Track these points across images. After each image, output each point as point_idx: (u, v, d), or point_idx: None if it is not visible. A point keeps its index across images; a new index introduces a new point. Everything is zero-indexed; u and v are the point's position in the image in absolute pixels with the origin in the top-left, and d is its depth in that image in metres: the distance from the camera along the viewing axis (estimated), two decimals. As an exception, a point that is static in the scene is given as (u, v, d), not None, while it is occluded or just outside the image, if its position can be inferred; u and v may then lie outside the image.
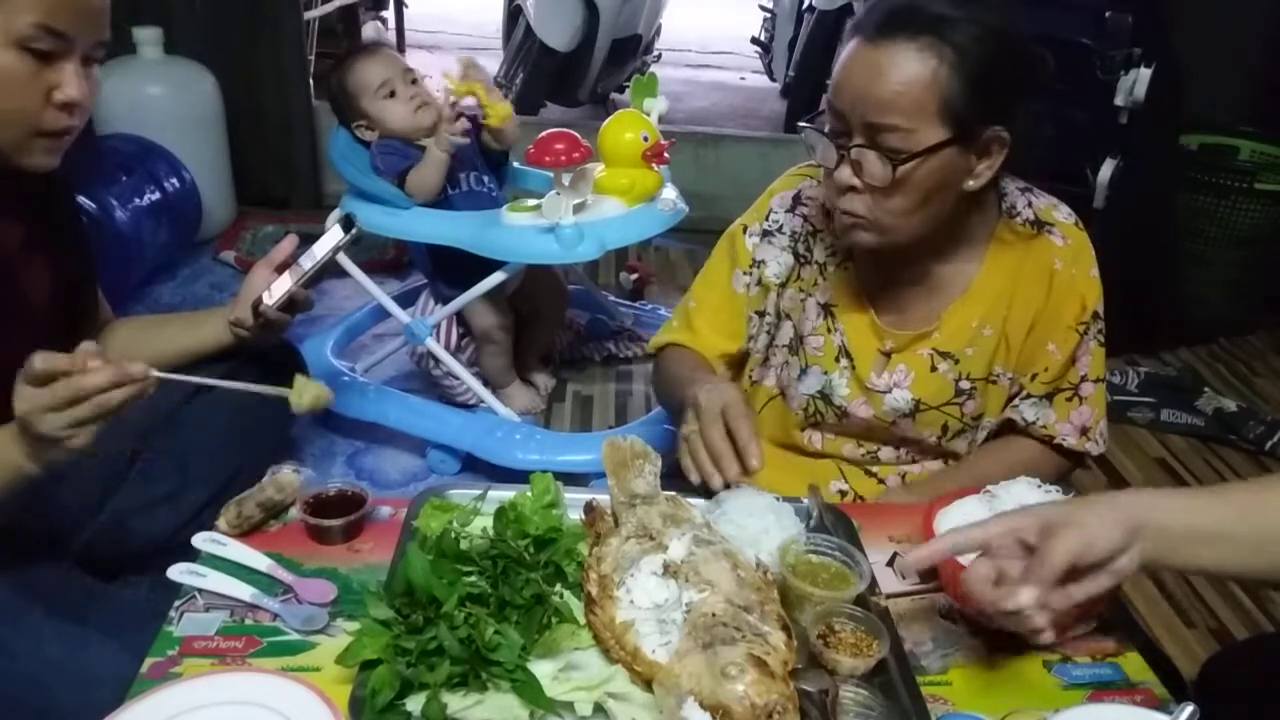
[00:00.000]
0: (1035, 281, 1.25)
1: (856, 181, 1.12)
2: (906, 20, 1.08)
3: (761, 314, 1.35)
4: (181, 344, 1.44)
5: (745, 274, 1.34)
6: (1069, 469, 1.35)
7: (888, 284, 1.28)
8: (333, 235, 1.36)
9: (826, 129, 1.14)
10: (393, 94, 2.11)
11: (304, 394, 1.19)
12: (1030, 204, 1.27)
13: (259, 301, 1.36)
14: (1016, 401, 1.30)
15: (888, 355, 1.28)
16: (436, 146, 2.06)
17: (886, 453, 1.34)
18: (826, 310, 1.30)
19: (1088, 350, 1.28)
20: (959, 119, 1.08)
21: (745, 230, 1.35)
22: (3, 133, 1.11)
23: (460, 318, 2.28)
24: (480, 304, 2.15)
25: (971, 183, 1.15)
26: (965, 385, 1.27)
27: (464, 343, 2.31)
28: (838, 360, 1.29)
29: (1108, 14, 2.45)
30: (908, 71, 1.07)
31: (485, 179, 2.22)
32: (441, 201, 2.15)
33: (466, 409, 2.27)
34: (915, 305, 1.28)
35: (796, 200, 1.32)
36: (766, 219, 1.33)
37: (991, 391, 1.29)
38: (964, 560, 1.00)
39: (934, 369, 1.27)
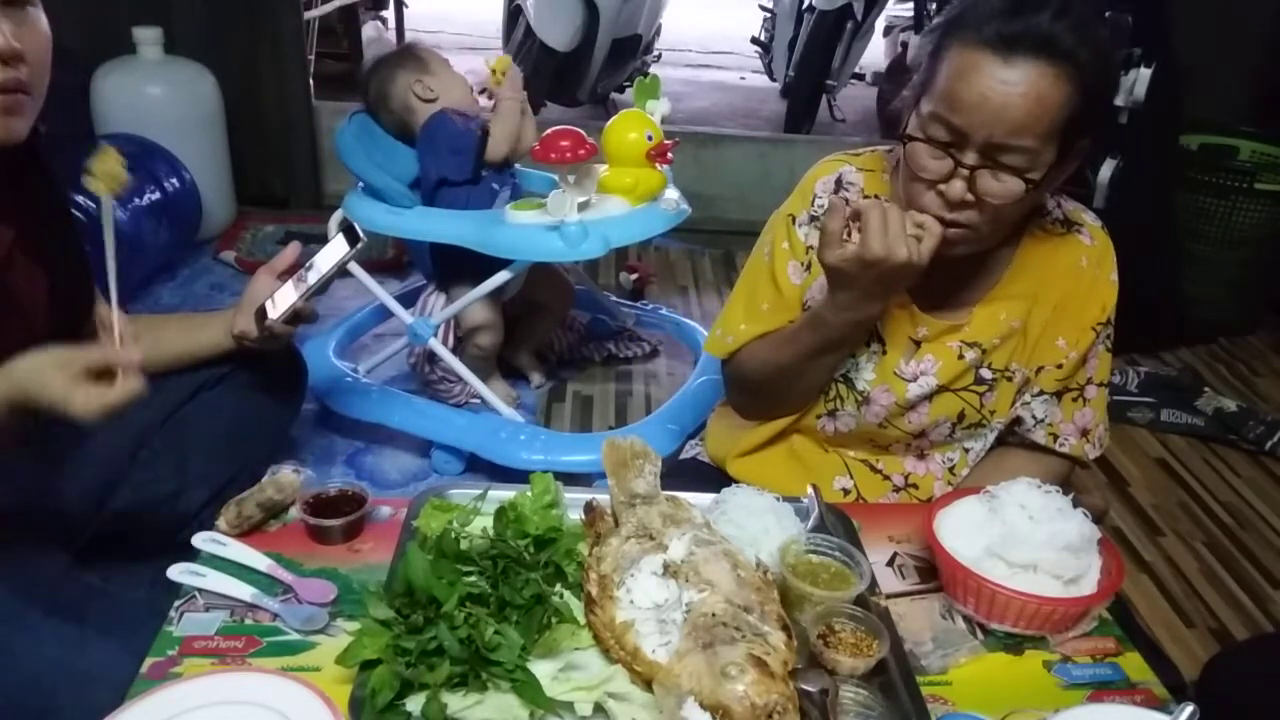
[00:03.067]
0: (1061, 276, 1.26)
1: (970, 197, 1.10)
2: (1039, 39, 1.04)
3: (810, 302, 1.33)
4: (180, 347, 1.43)
5: (802, 265, 1.31)
6: (1067, 472, 1.35)
7: (924, 274, 1.28)
8: (337, 247, 1.34)
9: (923, 137, 1.11)
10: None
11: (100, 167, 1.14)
12: (1059, 205, 1.29)
13: (263, 312, 1.35)
14: (1028, 398, 1.30)
15: (918, 344, 1.28)
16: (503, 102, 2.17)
17: (896, 448, 1.34)
18: None
19: (1096, 353, 1.29)
20: (1070, 135, 1.09)
21: (794, 220, 1.32)
22: None
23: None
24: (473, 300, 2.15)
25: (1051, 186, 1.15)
26: (987, 375, 1.28)
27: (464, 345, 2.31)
28: (867, 344, 1.29)
29: (1108, 14, 2.44)
30: (1047, 96, 1.04)
31: (506, 169, 2.27)
32: (477, 181, 2.17)
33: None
34: (949, 297, 1.28)
35: (839, 184, 1.31)
36: (812, 204, 1.31)
37: (1005, 388, 1.29)
38: (966, 563, 1.01)
39: (960, 357, 1.27)
